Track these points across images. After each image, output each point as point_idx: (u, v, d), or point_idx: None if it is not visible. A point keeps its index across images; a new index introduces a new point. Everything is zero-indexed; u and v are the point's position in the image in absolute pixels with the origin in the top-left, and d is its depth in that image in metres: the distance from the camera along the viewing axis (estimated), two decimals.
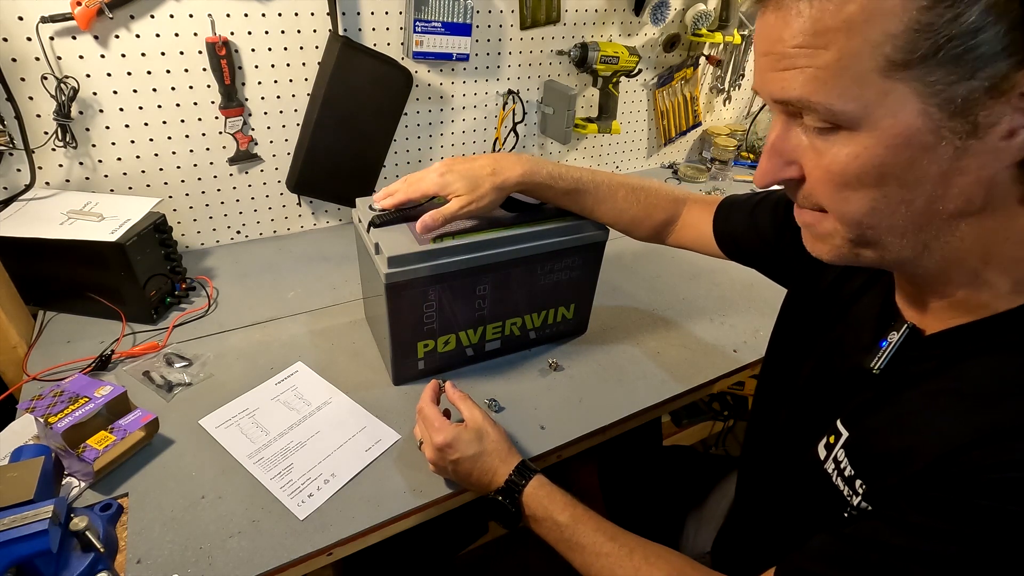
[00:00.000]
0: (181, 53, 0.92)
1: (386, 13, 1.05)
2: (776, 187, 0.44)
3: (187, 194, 1.04)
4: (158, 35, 0.90)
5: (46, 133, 0.88)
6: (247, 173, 1.08)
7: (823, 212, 0.41)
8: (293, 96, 1.05)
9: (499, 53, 1.22)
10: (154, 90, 0.93)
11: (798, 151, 0.40)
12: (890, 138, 0.35)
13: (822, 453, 0.49)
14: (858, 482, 0.44)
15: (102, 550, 0.53)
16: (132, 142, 0.95)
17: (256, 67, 0.99)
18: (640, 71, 1.33)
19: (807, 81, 0.35)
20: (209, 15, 0.91)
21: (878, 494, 0.43)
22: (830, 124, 0.36)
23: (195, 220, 1.07)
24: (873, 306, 0.51)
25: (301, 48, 1.01)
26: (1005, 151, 0.34)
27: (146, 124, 0.95)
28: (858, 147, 0.36)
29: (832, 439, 0.49)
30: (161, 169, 1.00)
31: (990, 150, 0.34)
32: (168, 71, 0.93)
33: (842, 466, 0.46)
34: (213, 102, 0.98)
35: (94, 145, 0.93)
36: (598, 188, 0.76)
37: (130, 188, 0.98)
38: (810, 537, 0.45)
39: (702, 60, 1.53)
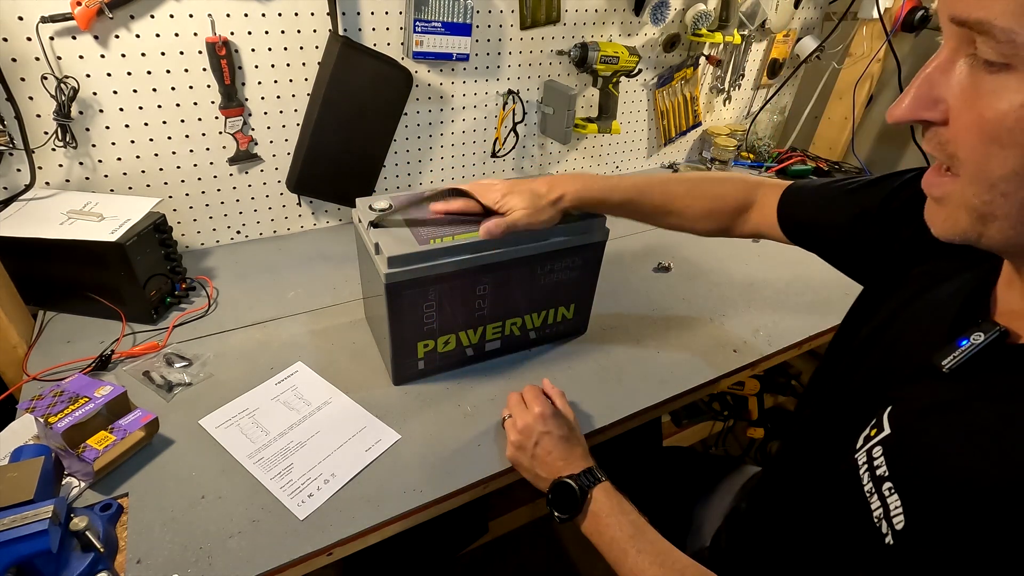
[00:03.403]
0: (181, 53, 0.92)
1: (386, 13, 1.05)
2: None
3: (187, 194, 1.04)
4: (158, 35, 0.89)
5: (46, 133, 0.88)
6: (247, 173, 1.08)
7: (948, 175, 0.37)
8: (293, 96, 1.05)
9: (499, 53, 1.22)
10: (154, 90, 0.93)
11: (953, 88, 0.35)
12: None
13: (859, 443, 0.44)
14: (887, 485, 0.39)
15: (102, 550, 0.53)
16: (132, 142, 0.95)
17: (256, 67, 0.99)
18: (640, 71, 1.33)
19: (1005, 4, 0.30)
20: (209, 15, 0.91)
21: (926, 523, 0.36)
22: (1004, 59, 0.31)
23: (195, 220, 1.07)
24: (958, 295, 0.46)
25: (301, 48, 1.01)
26: None
27: (146, 124, 0.95)
28: None
29: (873, 432, 0.43)
30: (161, 169, 1.00)
31: None
32: (168, 71, 0.93)
33: (876, 463, 0.41)
34: (213, 102, 0.98)
35: (94, 145, 0.93)
36: (652, 192, 0.77)
37: (130, 188, 0.98)
38: (820, 540, 0.42)
39: (702, 60, 1.53)
